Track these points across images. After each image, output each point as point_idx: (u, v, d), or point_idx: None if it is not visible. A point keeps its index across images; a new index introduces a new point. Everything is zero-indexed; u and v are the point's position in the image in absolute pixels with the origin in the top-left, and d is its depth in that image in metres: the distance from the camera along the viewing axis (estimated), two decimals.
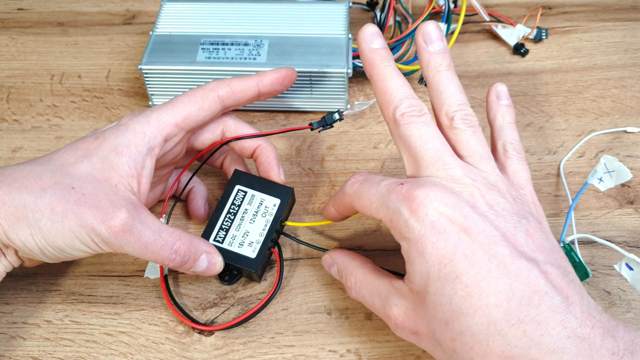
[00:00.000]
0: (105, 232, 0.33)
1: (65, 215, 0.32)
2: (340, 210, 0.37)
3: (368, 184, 0.33)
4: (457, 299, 0.28)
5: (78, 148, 0.36)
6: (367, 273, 0.35)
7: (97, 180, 0.34)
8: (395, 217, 0.31)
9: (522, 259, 0.29)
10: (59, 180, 0.34)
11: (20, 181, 0.33)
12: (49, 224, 0.32)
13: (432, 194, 0.30)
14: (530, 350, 0.27)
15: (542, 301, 0.27)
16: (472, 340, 0.28)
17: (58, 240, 0.33)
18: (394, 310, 0.32)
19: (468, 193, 0.31)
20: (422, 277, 0.30)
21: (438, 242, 0.29)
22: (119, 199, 0.34)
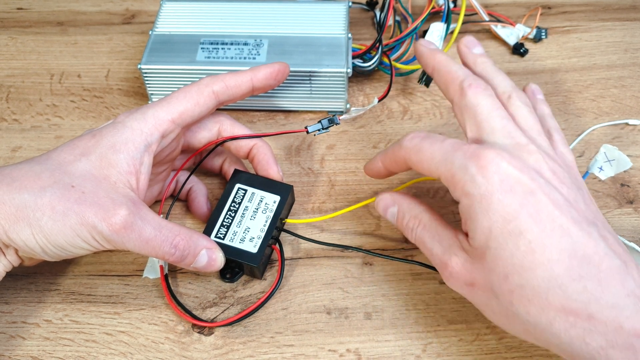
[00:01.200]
0: (107, 229, 0.33)
1: (66, 213, 0.33)
2: (390, 165, 0.37)
3: (431, 140, 0.34)
4: (519, 254, 0.29)
5: (76, 147, 0.36)
6: (433, 219, 0.36)
7: (96, 178, 0.35)
8: (460, 173, 0.31)
9: (583, 222, 0.30)
10: (58, 179, 0.34)
11: (20, 181, 0.33)
12: (50, 222, 0.32)
13: (501, 154, 0.31)
14: (590, 305, 0.28)
15: (602, 261, 0.28)
16: (531, 293, 0.29)
17: (59, 239, 0.33)
18: (452, 260, 0.33)
19: (533, 159, 0.32)
20: (483, 233, 0.30)
21: (504, 199, 0.30)
22: (118, 196, 0.34)
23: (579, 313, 0.28)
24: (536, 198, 0.30)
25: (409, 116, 0.50)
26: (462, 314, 0.39)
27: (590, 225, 0.30)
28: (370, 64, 0.50)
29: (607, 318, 0.27)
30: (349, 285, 0.40)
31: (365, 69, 0.51)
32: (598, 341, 0.27)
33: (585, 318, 0.28)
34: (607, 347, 0.27)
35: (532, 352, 0.37)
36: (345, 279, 0.40)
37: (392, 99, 0.52)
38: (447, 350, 0.37)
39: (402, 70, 0.51)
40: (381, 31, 0.50)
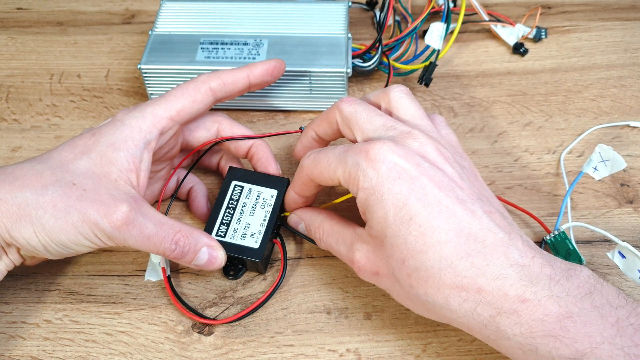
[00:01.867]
0: (108, 226, 0.33)
1: (68, 211, 0.33)
2: (301, 190, 0.39)
3: (324, 151, 0.36)
4: (411, 239, 0.31)
5: (76, 145, 0.36)
6: (333, 224, 0.37)
7: (97, 176, 0.35)
8: (353, 169, 0.33)
9: (468, 201, 0.32)
10: (59, 177, 0.34)
11: (21, 179, 0.34)
12: (52, 220, 0.33)
13: (385, 146, 0.32)
14: (478, 279, 0.30)
15: (486, 237, 0.30)
16: (426, 275, 0.31)
17: (61, 237, 0.33)
18: (356, 255, 0.35)
19: (418, 143, 0.33)
20: (379, 223, 0.32)
21: (394, 188, 0.31)
22: (119, 193, 0.34)
23: (469, 288, 0.30)
24: (422, 182, 0.31)
25: None
26: None
27: (475, 202, 0.32)
28: (370, 64, 0.50)
29: (494, 288, 0.29)
30: (348, 285, 0.40)
31: (365, 68, 0.51)
32: (488, 311, 0.30)
33: (475, 291, 0.30)
34: (495, 315, 0.29)
35: None
36: (345, 278, 0.40)
37: None
38: (446, 350, 0.37)
39: (402, 70, 0.51)
40: (381, 31, 0.50)
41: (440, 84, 0.53)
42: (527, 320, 0.29)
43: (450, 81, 0.53)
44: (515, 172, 0.46)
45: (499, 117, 0.50)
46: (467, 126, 0.49)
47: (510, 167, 0.46)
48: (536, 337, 0.29)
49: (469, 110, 0.51)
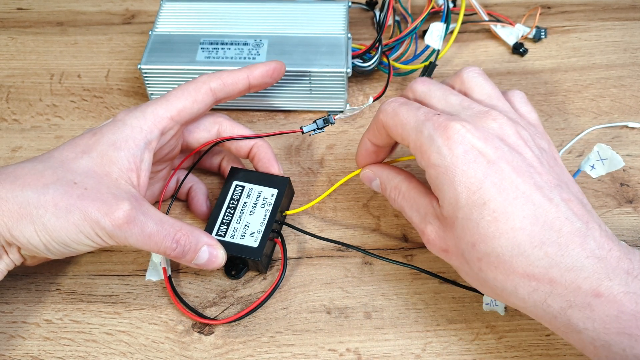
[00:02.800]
0: (109, 224, 0.33)
1: (69, 210, 0.33)
2: (374, 137, 0.38)
3: (407, 106, 0.34)
4: (484, 223, 0.30)
5: (77, 145, 0.37)
6: (411, 187, 0.36)
7: (98, 175, 0.35)
8: (427, 143, 0.32)
9: (545, 187, 0.31)
10: (60, 176, 0.34)
11: (22, 179, 0.34)
12: (53, 219, 0.33)
13: (466, 126, 0.31)
14: (551, 269, 0.29)
15: (563, 226, 0.29)
16: (497, 261, 0.30)
17: (62, 235, 0.33)
18: (427, 228, 0.34)
19: (497, 125, 0.32)
20: (450, 204, 0.31)
21: (468, 171, 0.31)
22: (120, 192, 0.35)
23: (541, 278, 0.29)
24: (499, 167, 0.31)
25: None
26: (462, 314, 0.39)
27: (553, 189, 0.31)
28: (370, 64, 0.50)
29: (567, 280, 0.29)
30: (348, 285, 0.40)
31: (365, 68, 0.51)
32: (558, 302, 0.29)
33: (547, 282, 0.29)
34: (567, 308, 0.29)
35: (532, 352, 0.37)
36: (345, 278, 0.41)
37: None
38: (446, 350, 0.37)
39: (402, 70, 0.51)
40: (381, 31, 0.50)
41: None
42: (601, 315, 0.28)
43: None
44: None
45: None
46: None
47: None
48: (610, 334, 0.28)
49: None
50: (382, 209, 0.44)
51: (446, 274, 0.40)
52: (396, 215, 0.44)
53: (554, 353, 0.37)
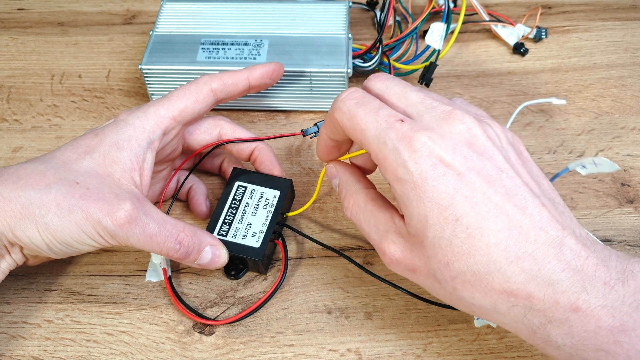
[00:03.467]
0: (111, 224, 0.33)
1: (71, 210, 0.33)
2: (330, 132, 0.35)
3: (365, 108, 0.32)
4: (457, 241, 0.29)
5: (79, 145, 0.37)
6: (368, 200, 0.34)
7: (100, 175, 0.35)
8: (391, 156, 0.30)
9: (518, 194, 0.29)
10: (63, 176, 0.34)
11: (25, 179, 0.34)
12: (56, 219, 0.33)
13: (433, 137, 0.29)
14: (528, 285, 0.28)
15: (538, 237, 0.28)
16: (472, 279, 0.29)
17: (65, 235, 0.33)
18: (390, 247, 0.32)
19: (465, 127, 0.30)
20: (420, 221, 0.30)
21: (438, 186, 0.29)
22: (122, 192, 0.35)
23: (519, 294, 0.28)
24: (469, 179, 0.29)
25: None
26: (463, 314, 0.39)
27: (525, 194, 0.29)
28: (371, 64, 0.50)
29: (544, 295, 0.28)
30: (349, 285, 0.40)
31: (366, 69, 0.51)
32: (538, 318, 0.28)
33: (525, 297, 0.28)
34: (546, 323, 0.28)
35: (532, 352, 0.37)
36: (346, 278, 0.40)
37: None
38: (447, 350, 0.37)
39: (402, 70, 0.51)
40: (381, 31, 0.50)
41: (441, 84, 0.53)
42: (579, 331, 0.27)
43: (451, 81, 0.53)
44: None
45: (499, 117, 0.50)
46: None
47: None
48: (587, 350, 0.27)
49: None
50: None
51: None
52: None
53: None
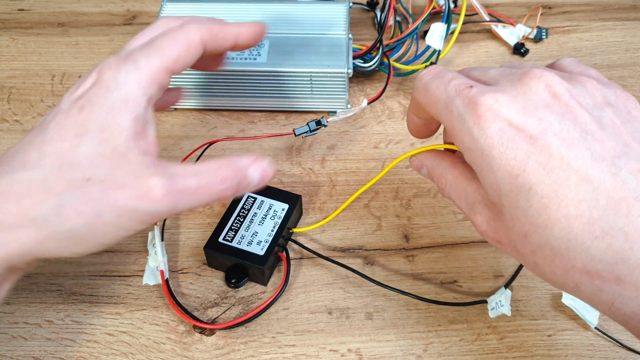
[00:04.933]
0: (149, 206, 0.29)
1: (98, 213, 0.29)
2: (414, 111, 0.33)
3: (438, 80, 0.30)
4: (532, 212, 0.25)
5: (65, 128, 0.30)
6: (456, 174, 0.32)
7: (106, 156, 0.30)
8: (458, 124, 0.28)
9: (607, 159, 0.25)
10: (68, 178, 0.29)
11: (28, 197, 0.29)
12: (84, 230, 0.29)
13: (500, 99, 0.26)
14: (617, 266, 0.24)
15: (631, 209, 0.24)
16: (551, 254, 0.26)
17: (99, 240, 0.30)
18: (477, 218, 0.30)
19: (543, 84, 0.27)
20: (493, 190, 0.27)
21: (506, 152, 0.26)
22: (139, 168, 0.30)
23: (605, 276, 0.24)
24: (544, 142, 0.25)
25: None
26: (463, 314, 0.39)
27: (619, 158, 0.25)
28: (371, 65, 0.50)
29: (637, 280, 0.23)
30: (350, 285, 0.40)
31: (366, 69, 0.51)
32: (630, 306, 0.24)
33: (613, 281, 0.24)
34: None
35: (534, 352, 0.37)
36: (347, 279, 0.40)
37: (392, 99, 0.52)
38: (448, 350, 0.37)
39: (403, 71, 0.51)
40: (382, 31, 0.50)
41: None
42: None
43: None
44: None
45: None
46: None
47: None
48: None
49: None
50: (383, 210, 0.44)
51: (447, 274, 0.40)
52: (397, 215, 0.44)
53: (556, 353, 0.37)
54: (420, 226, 0.43)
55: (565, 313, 0.38)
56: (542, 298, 0.39)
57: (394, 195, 0.45)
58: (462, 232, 0.43)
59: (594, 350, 0.37)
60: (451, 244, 0.42)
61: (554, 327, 0.38)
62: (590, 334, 0.37)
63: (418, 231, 0.43)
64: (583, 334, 0.38)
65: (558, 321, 0.38)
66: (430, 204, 0.44)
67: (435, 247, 0.42)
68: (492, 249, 0.42)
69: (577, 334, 0.38)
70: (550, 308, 0.39)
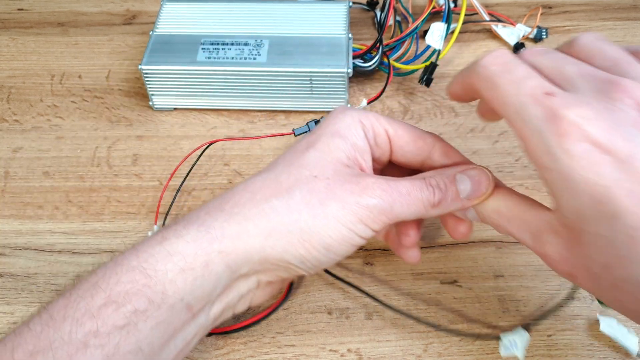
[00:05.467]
0: (380, 202, 0.30)
1: (324, 203, 0.30)
2: (467, 89, 0.30)
3: (508, 75, 0.26)
4: (619, 243, 0.23)
5: (296, 147, 0.33)
6: (511, 206, 0.30)
7: (331, 163, 0.32)
8: (534, 138, 0.25)
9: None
10: (298, 175, 0.31)
11: (260, 192, 0.31)
12: (310, 220, 0.30)
13: (586, 115, 0.23)
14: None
15: None
16: (637, 291, 0.24)
17: (322, 236, 0.30)
18: (548, 249, 0.27)
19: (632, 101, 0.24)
20: (573, 214, 0.25)
21: (592, 176, 0.23)
22: (358, 172, 0.32)
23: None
24: (635, 167, 0.23)
25: (409, 116, 0.50)
26: (463, 314, 0.39)
27: None
28: (371, 64, 0.50)
29: None
30: (349, 285, 0.40)
31: (366, 69, 0.51)
32: None
33: None
34: None
35: (534, 352, 0.37)
36: (347, 278, 0.40)
37: (392, 99, 0.52)
38: (448, 350, 0.37)
39: (403, 70, 0.51)
40: (381, 31, 0.50)
41: (441, 84, 0.52)
42: None
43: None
44: (516, 172, 0.46)
45: None
46: (468, 126, 0.49)
47: (511, 167, 0.46)
48: None
49: (470, 110, 0.50)
50: None
51: (447, 274, 0.40)
52: None
53: (556, 354, 0.37)
54: None
55: (565, 314, 0.38)
56: (542, 298, 0.39)
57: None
58: None
59: (594, 350, 0.37)
60: (451, 243, 0.42)
61: (554, 327, 0.38)
62: (590, 334, 0.37)
63: None
64: (583, 334, 0.37)
65: (558, 321, 0.38)
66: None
67: (435, 247, 0.42)
68: (492, 249, 0.42)
69: (577, 334, 0.38)
70: (550, 308, 0.39)
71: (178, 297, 0.29)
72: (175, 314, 0.29)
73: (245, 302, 0.34)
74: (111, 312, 0.27)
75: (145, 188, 0.46)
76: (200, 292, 0.30)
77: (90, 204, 0.45)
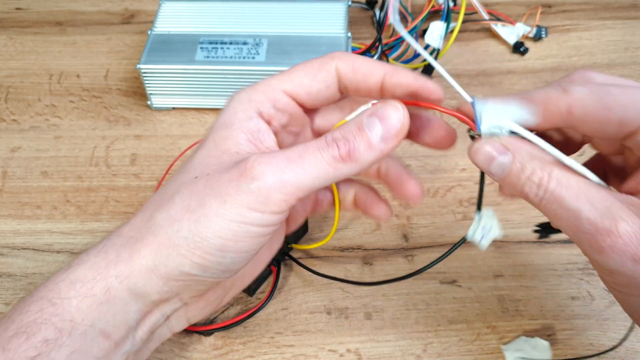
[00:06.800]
0: (267, 184, 0.27)
1: (202, 204, 0.27)
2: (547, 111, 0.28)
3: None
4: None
5: (197, 146, 0.32)
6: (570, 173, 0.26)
7: (216, 157, 0.29)
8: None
9: None
10: (180, 181, 0.29)
11: (151, 207, 0.30)
12: (193, 226, 0.27)
13: None
14: None
15: None
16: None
17: (210, 238, 0.27)
18: (620, 226, 0.23)
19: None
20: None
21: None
22: (242, 157, 0.29)
23: None
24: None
25: None
26: (463, 314, 0.39)
27: None
28: None
29: None
30: (348, 285, 0.40)
31: None
32: None
33: None
34: None
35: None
36: (346, 278, 0.40)
37: None
38: (447, 350, 0.37)
39: None
40: (381, 30, 0.50)
41: (441, 84, 0.52)
42: None
43: None
44: None
45: None
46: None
47: None
48: None
49: None
50: None
51: (446, 274, 0.40)
52: (396, 215, 0.44)
53: (556, 353, 0.37)
54: (419, 226, 0.43)
55: (565, 313, 0.38)
56: (542, 298, 0.39)
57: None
58: (461, 232, 0.43)
59: (594, 350, 0.37)
60: (451, 243, 0.42)
61: (554, 327, 0.38)
62: (590, 334, 0.37)
63: (417, 231, 0.43)
64: (582, 334, 0.37)
65: (558, 321, 0.38)
66: (430, 203, 0.44)
67: (434, 247, 0.42)
68: (492, 249, 0.42)
69: (576, 333, 0.37)
70: (550, 308, 0.39)
71: (87, 323, 0.27)
72: (90, 341, 0.28)
73: (179, 320, 0.32)
74: (22, 342, 0.26)
75: (143, 188, 0.46)
76: (111, 318, 0.28)
77: (89, 204, 0.45)
